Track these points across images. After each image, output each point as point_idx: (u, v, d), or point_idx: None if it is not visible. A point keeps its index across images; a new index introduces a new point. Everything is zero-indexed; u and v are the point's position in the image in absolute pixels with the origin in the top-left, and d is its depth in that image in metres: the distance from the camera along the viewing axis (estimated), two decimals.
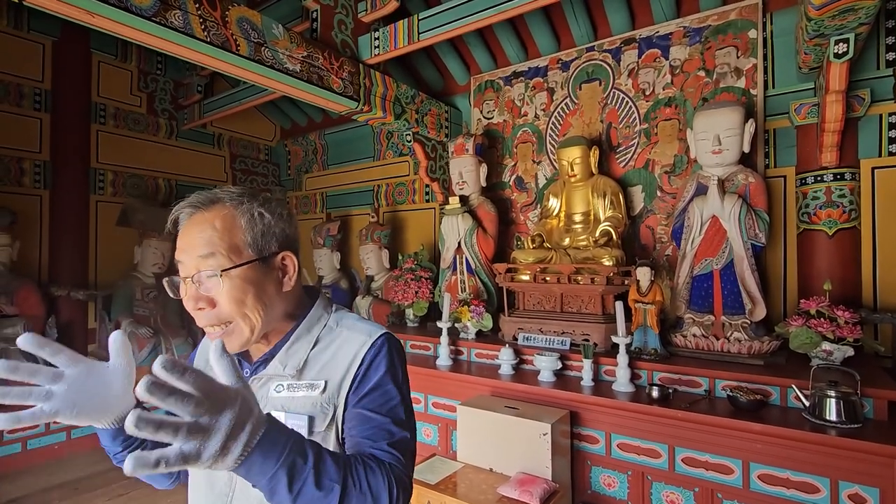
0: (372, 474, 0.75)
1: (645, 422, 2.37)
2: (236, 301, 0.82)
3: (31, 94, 4.14)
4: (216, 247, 0.81)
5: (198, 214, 0.84)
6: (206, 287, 0.82)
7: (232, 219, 0.84)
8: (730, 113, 2.71)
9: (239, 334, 0.84)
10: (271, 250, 0.88)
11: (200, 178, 5.31)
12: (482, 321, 3.34)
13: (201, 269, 0.81)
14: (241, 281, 0.82)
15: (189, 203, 0.85)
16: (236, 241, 0.83)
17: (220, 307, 0.82)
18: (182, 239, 0.84)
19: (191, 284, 0.82)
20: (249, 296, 0.83)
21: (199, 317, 0.84)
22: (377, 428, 0.83)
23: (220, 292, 0.82)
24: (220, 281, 0.81)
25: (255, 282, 0.84)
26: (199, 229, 0.83)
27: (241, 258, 0.83)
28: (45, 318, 3.88)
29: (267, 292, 0.86)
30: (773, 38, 3.02)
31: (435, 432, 3.08)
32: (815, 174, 2.81)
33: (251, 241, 0.85)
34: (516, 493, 2.11)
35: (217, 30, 2.48)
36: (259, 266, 0.85)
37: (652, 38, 3.42)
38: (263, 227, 0.86)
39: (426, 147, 4.14)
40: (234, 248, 0.83)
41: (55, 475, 3.23)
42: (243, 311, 0.83)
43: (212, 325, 0.84)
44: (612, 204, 3.31)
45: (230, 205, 0.85)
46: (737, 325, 2.62)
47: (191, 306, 0.83)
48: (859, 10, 2.06)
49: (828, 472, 1.95)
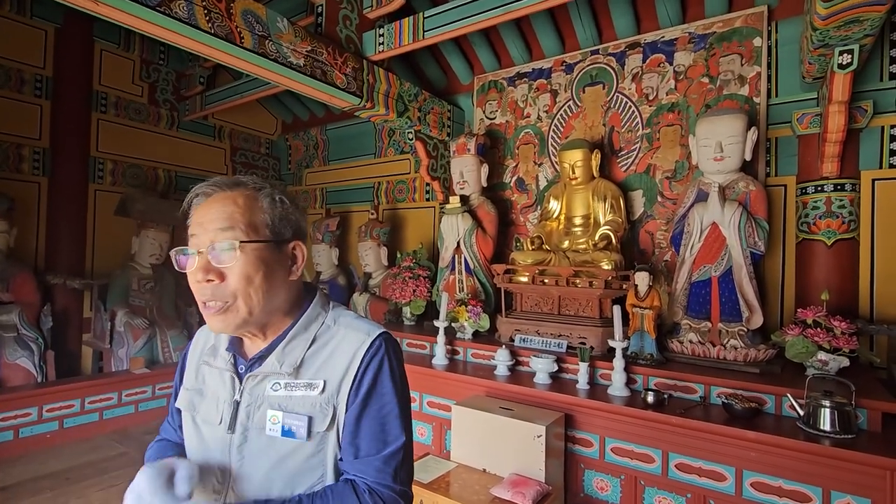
0: None
1: (639, 426, 2.37)
2: (245, 277, 0.82)
3: (33, 81, 4.12)
4: (236, 221, 0.83)
5: (220, 193, 0.86)
6: (219, 259, 0.82)
7: (254, 199, 0.87)
8: (732, 120, 2.71)
9: (235, 313, 0.83)
10: (286, 236, 0.89)
11: (200, 169, 5.29)
12: (479, 321, 3.34)
13: (217, 241, 0.82)
14: (254, 258, 0.83)
15: (211, 183, 0.87)
16: (256, 219, 0.85)
17: (227, 281, 0.82)
18: (200, 214, 0.85)
19: (203, 255, 0.82)
20: (259, 274, 0.84)
21: (202, 290, 0.83)
22: (370, 438, 0.85)
23: (232, 266, 0.82)
24: (235, 254, 0.81)
25: (268, 262, 0.85)
26: (220, 205, 0.84)
27: (258, 236, 0.84)
28: (40, 306, 3.86)
29: (276, 276, 0.87)
30: (778, 46, 3.02)
31: (429, 431, 3.08)
32: (816, 184, 2.82)
33: (270, 222, 0.87)
34: (509, 494, 2.11)
35: (221, 21, 2.46)
36: (273, 248, 0.87)
37: (657, 43, 3.42)
38: (283, 211, 0.89)
39: (428, 145, 4.13)
40: (252, 226, 0.84)
41: (47, 464, 3.22)
42: (248, 290, 0.83)
43: (214, 299, 0.83)
44: (613, 208, 3.31)
45: (252, 187, 0.88)
46: (733, 332, 2.63)
47: (199, 277, 0.82)
48: (864, 22, 2.06)
49: (820, 482, 1.96)
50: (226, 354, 0.93)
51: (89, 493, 2.87)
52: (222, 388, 0.92)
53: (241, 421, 0.87)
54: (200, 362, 0.98)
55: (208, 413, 0.92)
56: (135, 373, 3.98)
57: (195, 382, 0.97)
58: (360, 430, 0.85)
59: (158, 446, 1.03)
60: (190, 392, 0.97)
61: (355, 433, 0.85)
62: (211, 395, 0.93)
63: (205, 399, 0.94)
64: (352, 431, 0.85)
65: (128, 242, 4.44)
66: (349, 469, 0.85)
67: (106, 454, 3.42)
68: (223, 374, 0.92)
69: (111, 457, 3.38)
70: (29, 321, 3.74)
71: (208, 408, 0.92)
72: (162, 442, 1.05)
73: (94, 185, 4.50)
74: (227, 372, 0.92)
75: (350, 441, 0.85)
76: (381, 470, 0.84)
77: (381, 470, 0.84)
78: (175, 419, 1.04)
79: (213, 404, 0.92)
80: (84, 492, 2.88)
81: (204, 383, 0.96)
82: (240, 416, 0.88)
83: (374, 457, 0.84)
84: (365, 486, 0.82)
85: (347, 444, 0.85)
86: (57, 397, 3.58)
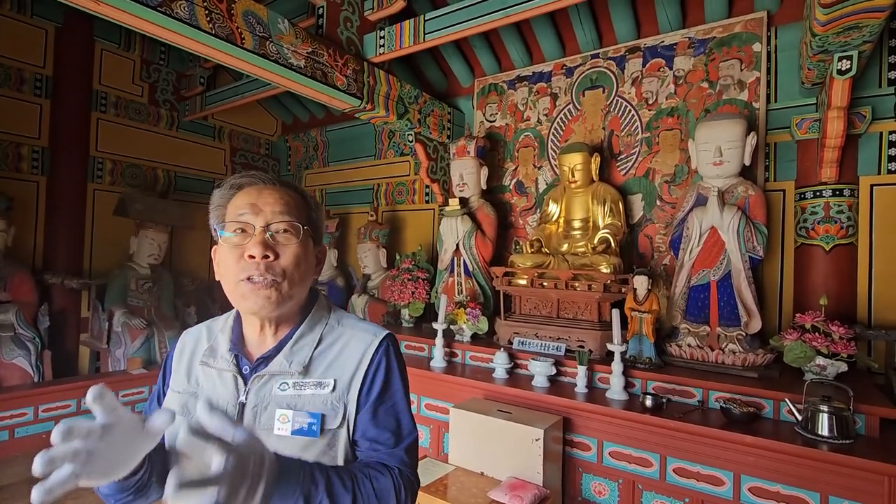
0: (377, 483, 0.83)
1: (637, 430, 2.37)
2: (297, 260, 0.89)
3: (32, 80, 4.11)
4: (293, 211, 0.90)
5: (271, 186, 0.92)
6: (276, 238, 0.88)
7: (301, 198, 0.95)
8: (732, 125, 2.72)
9: (280, 291, 0.87)
10: (318, 238, 0.98)
11: (200, 170, 5.29)
12: (478, 324, 3.34)
13: (282, 221, 0.88)
14: (304, 246, 0.91)
15: (260, 176, 0.93)
16: (303, 216, 0.93)
17: (281, 260, 0.87)
18: (258, 197, 0.89)
19: (265, 233, 0.87)
20: (304, 261, 0.91)
21: (250, 266, 0.85)
22: (388, 431, 0.90)
23: (287, 247, 0.88)
24: (293, 237, 0.88)
25: (309, 255, 0.93)
26: (279, 194, 0.91)
27: (309, 227, 0.93)
28: (37, 306, 3.85)
29: (309, 270, 0.94)
30: (777, 52, 3.04)
31: (427, 434, 3.08)
32: (815, 189, 2.82)
33: (311, 221, 0.95)
34: (507, 497, 2.10)
35: (222, 22, 2.47)
36: (311, 245, 0.94)
37: (657, 47, 3.43)
38: (318, 216, 0.99)
39: (428, 148, 4.13)
40: (302, 219, 0.92)
41: None
42: (295, 273, 0.89)
43: (264, 275, 0.85)
44: (612, 211, 3.32)
45: (295, 189, 0.96)
46: (732, 336, 2.63)
47: (255, 251, 0.84)
48: (864, 28, 2.07)
49: (818, 487, 1.96)
50: (228, 355, 0.92)
51: (85, 493, 2.86)
52: (223, 389, 0.90)
53: (247, 422, 0.86)
54: (193, 364, 0.97)
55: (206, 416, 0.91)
56: (132, 373, 3.96)
57: (188, 385, 0.95)
58: (378, 427, 0.89)
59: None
60: (183, 395, 0.94)
61: (373, 429, 0.89)
62: (207, 398, 0.92)
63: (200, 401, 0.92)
64: (369, 428, 0.89)
65: (126, 242, 4.42)
66: (374, 457, 0.88)
67: None
68: (223, 374, 0.91)
69: None
70: (26, 320, 3.73)
71: None
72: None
73: (93, 184, 4.49)
74: (228, 373, 0.90)
75: (370, 437, 0.89)
76: (402, 459, 0.89)
77: (402, 459, 0.89)
78: None
79: None
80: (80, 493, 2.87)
81: (198, 386, 0.94)
82: (246, 417, 0.86)
83: (396, 448, 0.89)
84: (395, 467, 0.87)
85: (367, 439, 0.89)
86: (53, 397, 3.56)
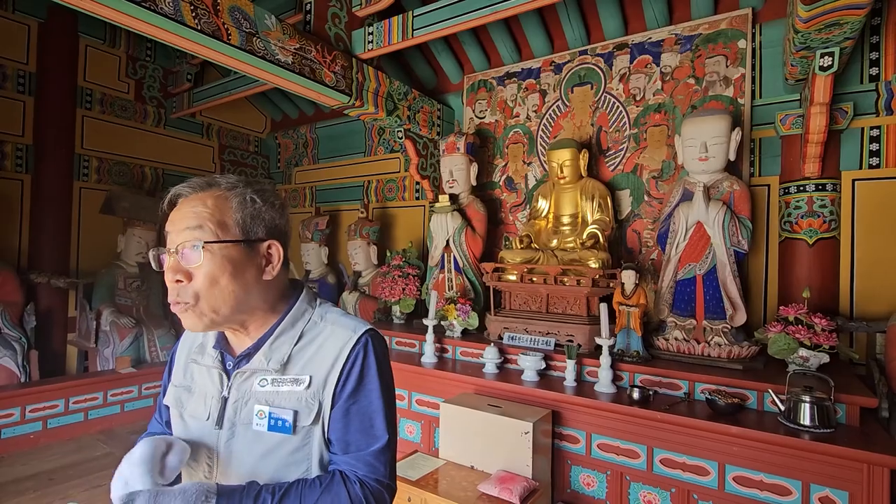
0: (333, 497, 0.82)
1: (625, 423, 2.40)
2: (211, 279, 0.83)
3: (15, 76, 4.05)
4: (204, 220, 0.83)
5: (194, 195, 0.87)
6: (187, 259, 0.83)
7: (224, 199, 0.87)
8: (717, 121, 2.75)
9: (200, 314, 0.84)
10: (258, 235, 0.88)
11: (188, 167, 5.24)
12: (468, 320, 3.35)
13: (186, 241, 0.83)
14: (221, 258, 0.83)
15: (187, 185, 0.88)
16: (225, 218, 0.85)
17: (194, 282, 0.83)
18: (173, 214, 0.86)
19: (174, 256, 0.83)
20: (226, 275, 0.83)
21: (173, 290, 0.84)
22: (358, 433, 0.87)
23: (199, 266, 0.82)
24: (201, 254, 0.82)
25: (236, 263, 0.85)
26: (191, 205, 0.85)
27: (227, 235, 0.84)
28: (23, 305, 3.81)
29: (245, 276, 0.86)
30: (762, 48, 3.07)
31: (418, 429, 3.09)
32: (798, 184, 2.87)
33: (240, 221, 0.86)
34: (496, 490, 2.12)
35: (208, 18, 2.45)
36: (243, 248, 0.86)
37: (644, 44, 3.46)
38: (254, 211, 0.88)
39: (417, 144, 4.13)
40: (221, 225, 0.84)
41: (30, 465, 3.17)
42: (212, 291, 0.83)
43: (179, 301, 0.83)
44: (600, 207, 3.34)
45: (225, 187, 0.88)
46: (717, 329, 2.67)
47: (169, 278, 0.83)
48: (845, 25, 2.11)
49: (800, 475, 2.00)
50: (213, 352, 0.94)
51: (74, 493, 2.84)
52: (210, 384, 0.93)
53: (228, 416, 0.89)
54: (189, 360, 0.99)
55: (196, 409, 0.93)
56: (121, 372, 3.93)
57: (183, 379, 0.98)
58: (349, 426, 0.87)
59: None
60: (178, 389, 0.98)
61: (344, 428, 0.87)
62: (199, 392, 0.94)
63: (193, 396, 0.95)
64: (340, 427, 0.87)
65: (113, 241, 4.38)
66: (340, 462, 0.87)
67: (91, 454, 3.38)
68: (211, 371, 0.93)
69: (96, 457, 3.34)
70: (12, 320, 3.69)
71: (196, 404, 0.93)
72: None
73: (80, 182, 4.44)
74: (214, 369, 0.93)
75: (339, 436, 0.87)
76: (371, 464, 0.86)
77: (371, 464, 0.86)
78: (163, 415, 1.05)
79: (200, 401, 0.93)
80: (68, 492, 2.85)
81: (192, 380, 0.97)
82: (227, 411, 0.89)
83: (365, 451, 0.86)
84: (355, 478, 0.85)
85: (337, 438, 0.87)
86: (41, 397, 3.53)
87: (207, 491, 0.76)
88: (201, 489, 0.76)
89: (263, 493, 0.79)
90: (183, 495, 0.75)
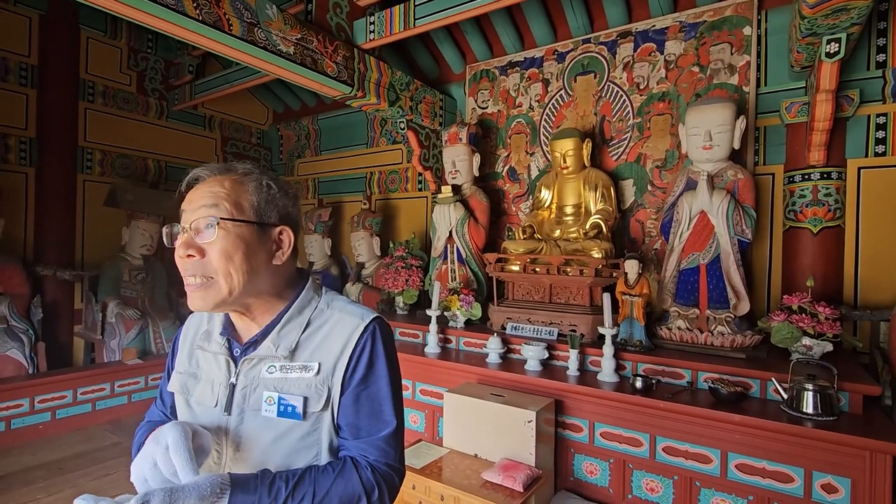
0: (346, 482, 0.83)
1: (628, 411, 2.41)
2: (225, 255, 0.84)
3: (17, 69, 4.05)
4: (220, 200, 0.85)
5: (212, 177, 0.89)
6: (201, 235, 0.84)
7: (241, 183, 0.89)
8: (721, 109, 2.73)
9: (216, 291, 0.84)
10: (271, 220, 0.90)
11: (191, 159, 5.24)
12: (471, 310, 3.36)
13: (201, 217, 0.84)
14: (235, 237, 0.85)
15: (205, 168, 0.90)
16: (241, 200, 0.87)
17: (208, 258, 0.84)
18: (191, 194, 0.88)
19: (188, 231, 0.84)
20: (239, 254, 0.85)
21: (185, 265, 0.84)
22: (369, 417, 0.89)
23: (213, 243, 0.83)
24: (216, 231, 0.83)
25: (249, 243, 0.86)
26: (209, 186, 0.87)
27: (241, 216, 0.86)
28: (29, 298, 3.84)
29: (257, 258, 0.88)
30: (767, 35, 3.04)
31: (422, 419, 3.11)
32: (803, 172, 2.85)
33: (255, 204, 0.88)
34: (500, 478, 2.14)
35: (209, 8, 2.43)
36: (256, 230, 0.88)
37: (648, 31, 3.42)
38: (268, 196, 0.90)
39: (420, 135, 4.12)
40: (237, 205, 0.86)
41: (39, 454, 3.22)
42: (228, 268, 0.84)
43: (195, 275, 0.84)
44: (603, 197, 3.33)
45: (242, 172, 0.91)
46: (721, 318, 2.67)
47: (181, 253, 0.84)
48: (852, 10, 2.08)
49: (802, 463, 2.01)
50: (220, 339, 0.95)
51: (82, 482, 2.88)
52: (217, 371, 0.93)
53: (237, 403, 0.90)
54: (194, 347, 0.99)
55: (203, 396, 0.93)
56: (127, 363, 3.97)
57: (188, 366, 0.99)
58: (360, 411, 0.89)
59: (148, 428, 1.04)
60: (183, 375, 0.98)
61: (355, 414, 0.88)
62: (206, 379, 0.95)
63: (199, 382, 0.95)
64: (351, 412, 0.88)
65: (118, 233, 4.40)
66: (351, 447, 0.88)
67: (99, 444, 3.42)
68: (218, 357, 0.94)
69: (104, 447, 3.38)
70: (19, 313, 3.72)
71: (203, 391, 0.94)
72: (150, 423, 1.05)
73: (83, 175, 4.45)
74: (221, 356, 0.93)
75: (350, 422, 0.88)
76: (382, 449, 0.88)
77: (382, 449, 0.88)
78: (165, 402, 1.05)
79: (208, 387, 0.93)
80: (77, 481, 2.89)
81: (198, 367, 0.97)
82: (236, 398, 0.90)
83: (376, 436, 0.88)
84: (366, 463, 0.86)
85: (347, 424, 0.89)
86: (49, 388, 3.57)
87: (222, 483, 0.75)
88: (215, 482, 0.75)
89: (277, 481, 0.80)
90: (197, 490, 0.73)
